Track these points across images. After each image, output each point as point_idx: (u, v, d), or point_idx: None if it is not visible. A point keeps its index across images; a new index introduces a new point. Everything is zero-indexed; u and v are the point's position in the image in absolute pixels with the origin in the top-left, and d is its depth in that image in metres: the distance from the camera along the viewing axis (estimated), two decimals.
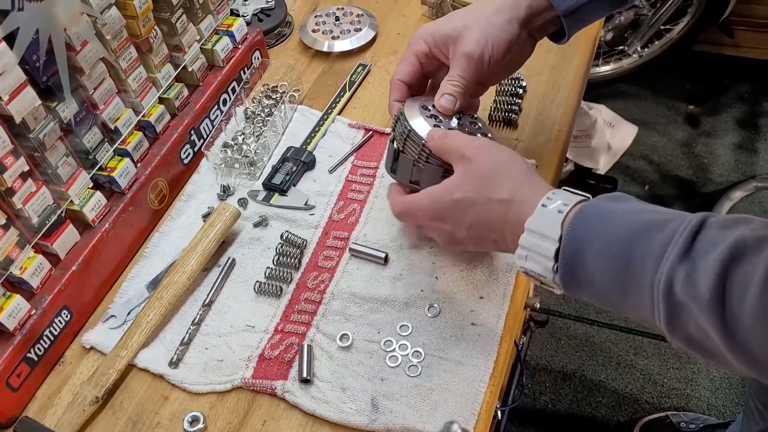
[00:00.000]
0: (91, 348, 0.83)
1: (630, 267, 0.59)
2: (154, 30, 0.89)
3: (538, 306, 1.32)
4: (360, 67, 1.11)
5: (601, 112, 2.45)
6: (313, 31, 1.16)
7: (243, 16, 1.09)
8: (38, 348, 0.79)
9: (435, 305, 0.82)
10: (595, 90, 2.58)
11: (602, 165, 2.39)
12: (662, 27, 2.44)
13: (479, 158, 0.72)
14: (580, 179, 2.26)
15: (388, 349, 0.79)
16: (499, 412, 0.78)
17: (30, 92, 0.72)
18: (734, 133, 2.47)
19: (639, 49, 2.50)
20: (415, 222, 0.83)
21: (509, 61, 0.81)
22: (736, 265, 0.54)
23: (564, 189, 0.68)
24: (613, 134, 2.43)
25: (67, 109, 0.79)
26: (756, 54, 2.53)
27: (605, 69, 2.58)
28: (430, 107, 0.81)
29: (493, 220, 0.71)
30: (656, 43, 2.49)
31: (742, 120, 2.49)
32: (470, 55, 0.78)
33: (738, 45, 2.53)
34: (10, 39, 0.70)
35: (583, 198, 0.66)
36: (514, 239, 0.67)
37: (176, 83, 0.96)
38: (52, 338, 0.80)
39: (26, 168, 0.75)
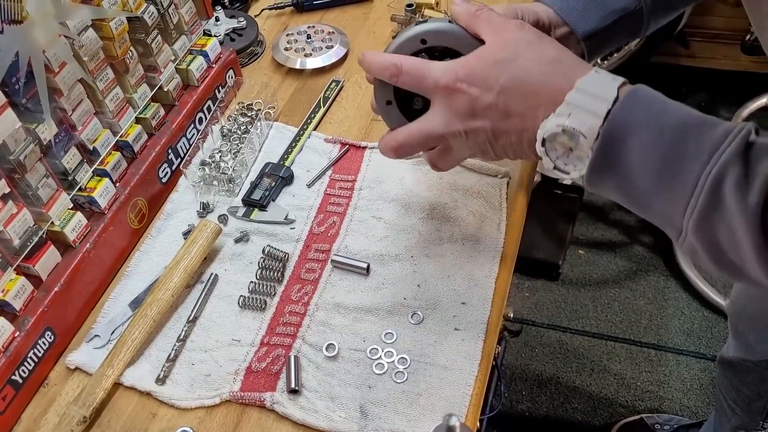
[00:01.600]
0: (76, 368, 0.83)
1: (680, 155, 0.57)
2: (130, 51, 0.90)
3: (511, 315, 1.35)
4: (333, 84, 1.13)
5: None
6: (286, 49, 1.17)
7: (216, 36, 1.10)
8: (22, 370, 0.78)
9: (418, 312, 0.83)
10: None
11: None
12: None
13: (522, 27, 0.67)
14: (547, 190, 2.30)
15: (374, 357, 0.80)
16: (478, 421, 0.79)
17: (10, 114, 0.73)
18: None
19: (599, 61, 2.57)
20: (423, 86, 0.70)
21: None
22: None
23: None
24: None
25: (47, 131, 0.79)
26: (711, 64, 2.61)
27: None
28: None
29: (532, 81, 0.64)
30: (615, 55, 2.56)
31: None
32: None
33: (693, 55, 2.61)
34: None
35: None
36: (548, 112, 0.62)
37: (152, 103, 0.97)
38: (36, 360, 0.80)
39: (7, 190, 0.75)
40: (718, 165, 0.54)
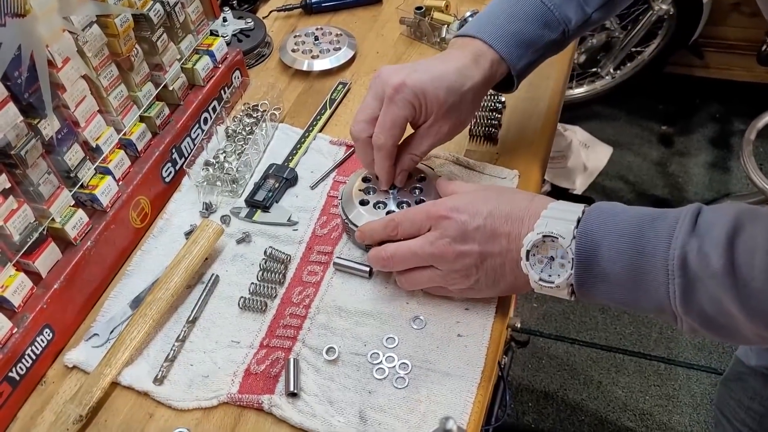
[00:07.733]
0: (74, 367, 0.82)
1: (643, 252, 0.64)
2: (135, 48, 0.90)
3: (518, 326, 1.33)
4: (340, 86, 1.12)
5: (576, 134, 2.48)
6: (293, 50, 1.17)
7: (223, 36, 1.10)
8: (20, 367, 0.78)
9: (421, 317, 0.82)
10: (571, 112, 2.62)
11: (579, 185, 2.43)
12: (634, 49, 2.50)
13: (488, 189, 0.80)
14: (558, 199, 2.29)
15: (374, 362, 0.79)
16: (481, 430, 0.77)
17: (12, 108, 0.72)
18: (707, 152, 2.52)
19: (612, 71, 2.55)
20: (419, 224, 0.79)
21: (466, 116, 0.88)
22: (739, 235, 0.59)
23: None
24: (589, 155, 2.47)
25: (49, 127, 0.78)
26: (725, 75, 2.59)
27: (579, 91, 2.62)
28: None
29: (514, 208, 0.74)
30: (628, 65, 2.55)
31: (714, 139, 2.55)
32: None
33: (708, 66, 2.59)
34: None
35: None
36: (529, 230, 0.71)
37: (157, 102, 0.96)
38: (34, 357, 0.79)
39: (8, 185, 0.74)
40: (678, 249, 0.61)
